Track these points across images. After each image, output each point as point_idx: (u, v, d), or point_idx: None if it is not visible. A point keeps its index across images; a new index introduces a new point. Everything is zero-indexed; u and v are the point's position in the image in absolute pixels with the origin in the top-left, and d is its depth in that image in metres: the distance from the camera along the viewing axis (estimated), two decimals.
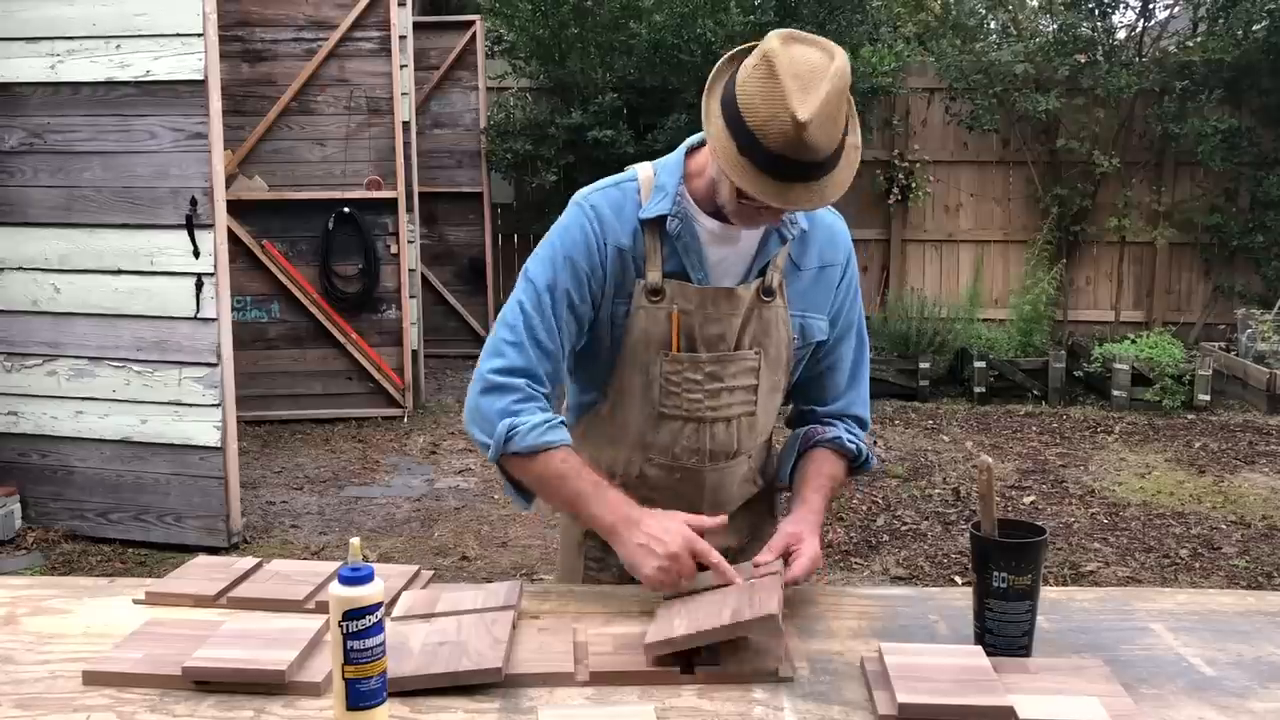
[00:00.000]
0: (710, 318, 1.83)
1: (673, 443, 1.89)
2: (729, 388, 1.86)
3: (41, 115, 4.74)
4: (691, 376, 1.84)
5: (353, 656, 1.40)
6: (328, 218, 6.90)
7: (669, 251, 1.82)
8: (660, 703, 1.49)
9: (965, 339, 8.05)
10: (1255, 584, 4.51)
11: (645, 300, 1.82)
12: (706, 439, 1.89)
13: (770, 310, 1.85)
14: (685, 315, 1.81)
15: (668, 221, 1.81)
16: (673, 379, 1.84)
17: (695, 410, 1.87)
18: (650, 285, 1.81)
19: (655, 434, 1.89)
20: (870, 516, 5.37)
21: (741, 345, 1.85)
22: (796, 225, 1.87)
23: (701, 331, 1.83)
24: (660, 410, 1.87)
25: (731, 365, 1.85)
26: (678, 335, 1.82)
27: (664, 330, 1.82)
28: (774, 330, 1.87)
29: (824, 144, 1.61)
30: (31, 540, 4.88)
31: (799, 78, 1.59)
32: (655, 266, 1.81)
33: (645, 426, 1.89)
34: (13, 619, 1.77)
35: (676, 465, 1.90)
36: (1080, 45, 8.80)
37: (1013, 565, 1.59)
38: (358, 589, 1.40)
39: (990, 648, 1.61)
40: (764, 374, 1.88)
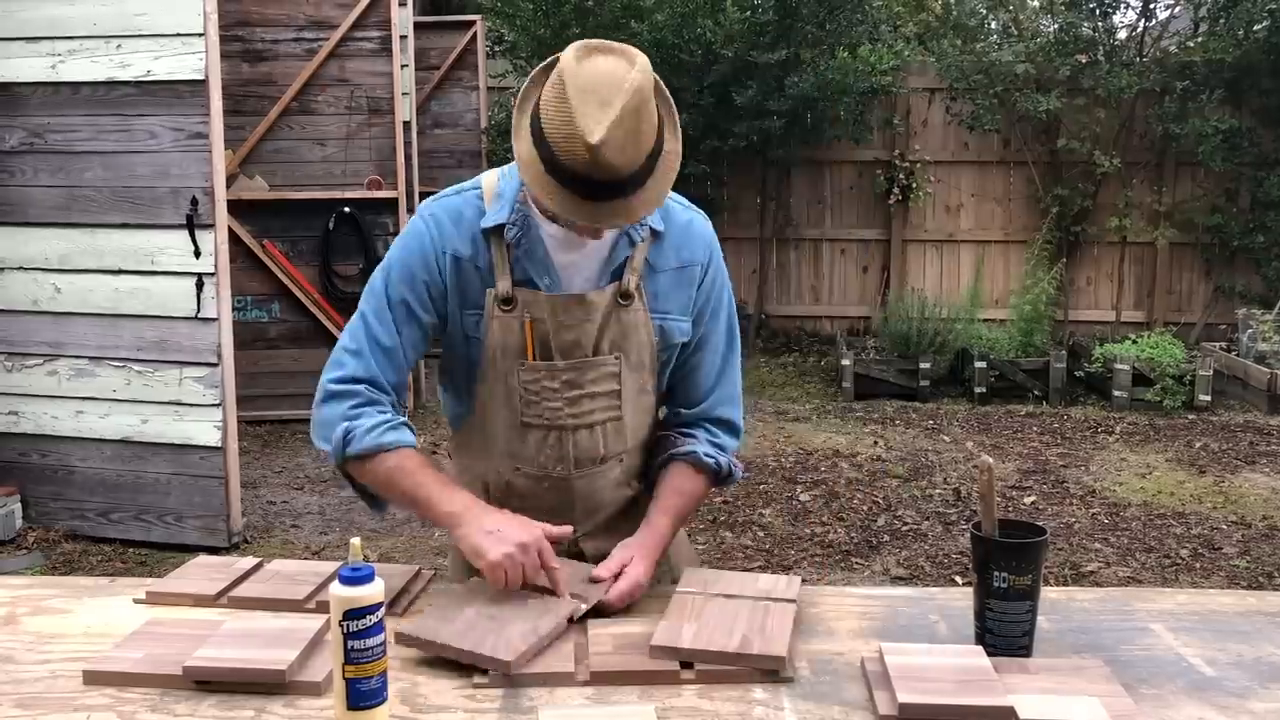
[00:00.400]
0: (564, 325, 1.79)
1: (537, 452, 1.86)
2: (589, 394, 1.83)
3: (42, 115, 4.75)
4: (549, 385, 1.81)
5: (353, 656, 1.40)
6: (328, 218, 6.90)
7: (516, 260, 1.79)
8: (660, 703, 1.49)
9: (966, 339, 8.04)
10: (1256, 584, 4.51)
11: (497, 310, 1.79)
12: (570, 446, 1.86)
13: (629, 314, 1.82)
14: (538, 323, 1.78)
15: (506, 230, 1.78)
16: (531, 388, 1.82)
17: (556, 418, 1.83)
18: (500, 295, 1.78)
19: (520, 444, 1.86)
20: (871, 516, 5.37)
21: (600, 350, 1.82)
22: (645, 226, 1.82)
23: (556, 339, 1.80)
24: (522, 420, 1.84)
25: (591, 371, 1.82)
26: (532, 344, 1.79)
27: (519, 339, 1.79)
28: (634, 334, 1.83)
29: (623, 162, 1.58)
30: (32, 540, 4.88)
31: (592, 95, 1.56)
32: (504, 275, 1.78)
33: (510, 436, 1.87)
34: (13, 619, 1.77)
35: (543, 474, 1.88)
36: (1081, 45, 8.79)
37: (1013, 565, 1.60)
38: (358, 589, 1.41)
39: (991, 648, 1.61)
40: (627, 378, 1.85)
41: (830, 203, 9.57)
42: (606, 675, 1.55)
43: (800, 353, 9.21)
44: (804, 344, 9.40)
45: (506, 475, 1.91)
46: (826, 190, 9.56)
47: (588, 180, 1.60)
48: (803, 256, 9.64)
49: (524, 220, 1.78)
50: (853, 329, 9.41)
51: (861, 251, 9.59)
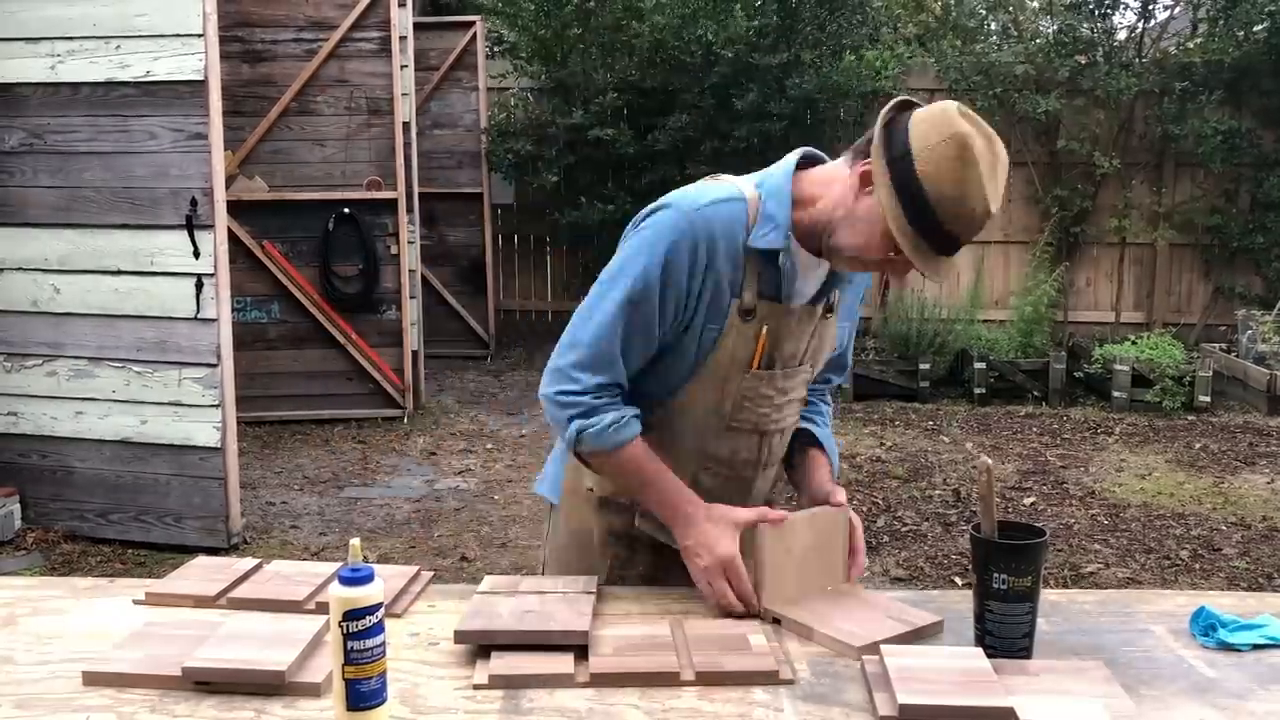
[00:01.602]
0: (791, 335, 1.85)
1: (733, 454, 1.91)
2: (791, 400, 1.92)
3: (41, 115, 4.74)
4: (765, 392, 1.86)
5: (353, 657, 1.40)
6: (328, 218, 6.90)
7: (767, 281, 1.80)
8: (660, 704, 1.49)
9: (966, 340, 8.05)
10: (1256, 585, 4.51)
11: (738, 319, 1.79)
12: (767, 449, 1.94)
13: (827, 326, 1.92)
14: (772, 334, 1.82)
15: (780, 256, 1.78)
16: (748, 395, 1.85)
17: (763, 423, 1.90)
18: (745, 306, 1.79)
19: (718, 444, 1.89)
20: (870, 517, 5.37)
21: (804, 360, 1.90)
22: None
23: (781, 349, 1.85)
24: (730, 424, 1.87)
25: (795, 378, 1.90)
26: (761, 353, 1.83)
27: (750, 349, 1.82)
28: (826, 344, 1.94)
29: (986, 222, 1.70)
30: (31, 541, 4.88)
31: (989, 167, 1.66)
32: (751, 289, 1.79)
33: (709, 438, 1.89)
34: (12, 619, 1.77)
35: (733, 475, 1.93)
36: (1080, 46, 8.80)
37: (1013, 567, 1.59)
38: (358, 589, 1.40)
39: (990, 649, 1.61)
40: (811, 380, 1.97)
41: None
42: (606, 677, 1.54)
43: None
44: None
45: (692, 470, 1.89)
46: None
47: (958, 240, 1.70)
48: None
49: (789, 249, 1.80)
50: None
51: None
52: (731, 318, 1.78)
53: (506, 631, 1.62)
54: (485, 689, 1.53)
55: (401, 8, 6.98)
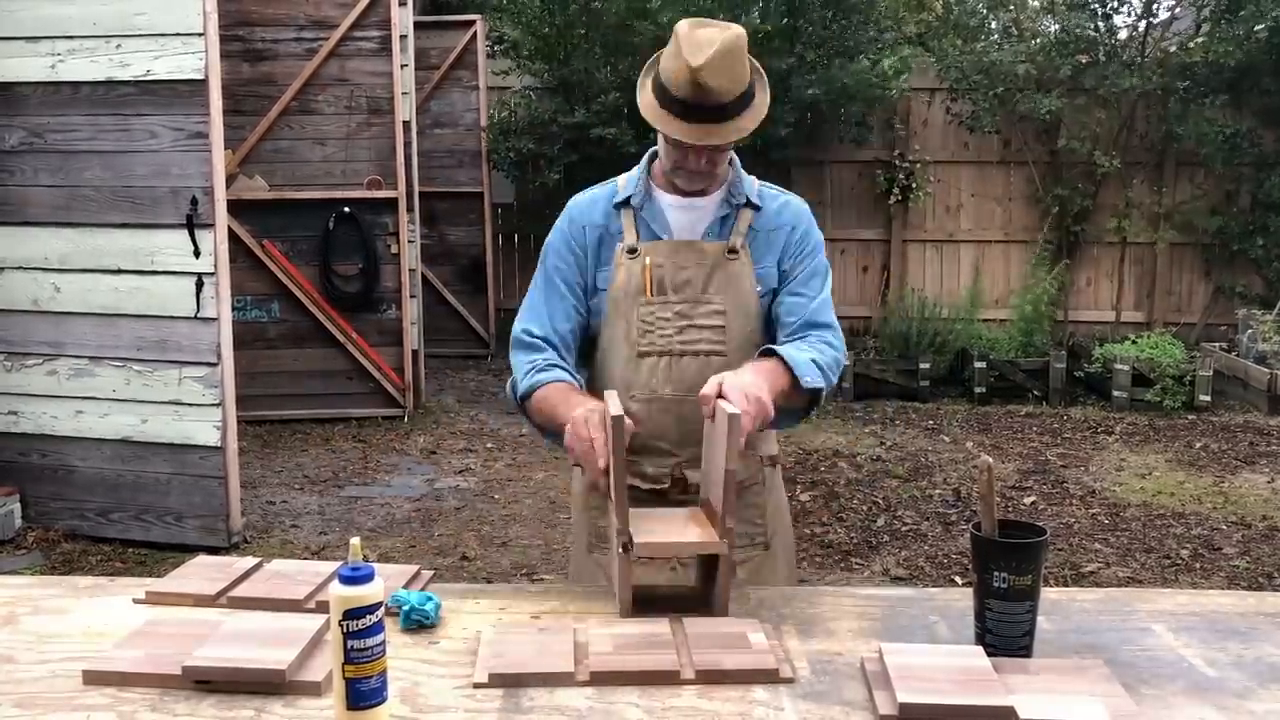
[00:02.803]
0: (679, 265, 2.15)
1: (649, 377, 2.15)
2: (696, 325, 2.14)
3: (42, 115, 4.74)
4: (663, 316, 2.14)
5: (353, 656, 1.40)
6: (328, 217, 6.90)
7: (641, 224, 2.18)
8: (660, 702, 1.49)
9: (966, 339, 8.05)
10: (1256, 585, 4.51)
11: (624, 258, 2.16)
12: (676, 370, 2.14)
13: (736, 265, 2.16)
14: (656, 267, 2.14)
15: (632, 199, 2.18)
16: (647, 320, 2.14)
17: (668, 346, 2.14)
18: (627, 246, 2.17)
19: (635, 372, 2.15)
20: (870, 517, 5.37)
21: (708, 290, 2.15)
22: (740, 194, 2.19)
23: (672, 278, 2.14)
24: (638, 350, 2.15)
25: (700, 307, 2.14)
26: (650, 282, 2.14)
27: (639, 280, 2.14)
28: (738, 282, 2.16)
29: (719, 87, 1.98)
30: (31, 540, 4.88)
31: (696, 41, 2.00)
32: (631, 233, 2.18)
33: (626, 367, 2.16)
34: (13, 618, 1.77)
35: (653, 397, 2.14)
36: (1082, 46, 8.78)
37: (1013, 565, 1.60)
38: (358, 588, 1.41)
39: (990, 648, 1.61)
40: (733, 321, 2.15)
41: (830, 203, 9.56)
42: (606, 675, 1.54)
43: None
44: None
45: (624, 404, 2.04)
46: (827, 190, 9.55)
47: (690, 103, 2.01)
48: None
49: (646, 191, 2.19)
50: (853, 329, 9.40)
51: (861, 251, 9.59)
52: (619, 256, 2.17)
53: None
54: (485, 688, 1.53)
55: (402, 7, 6.98)
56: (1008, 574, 1.60)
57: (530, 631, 1.70)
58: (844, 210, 9.56)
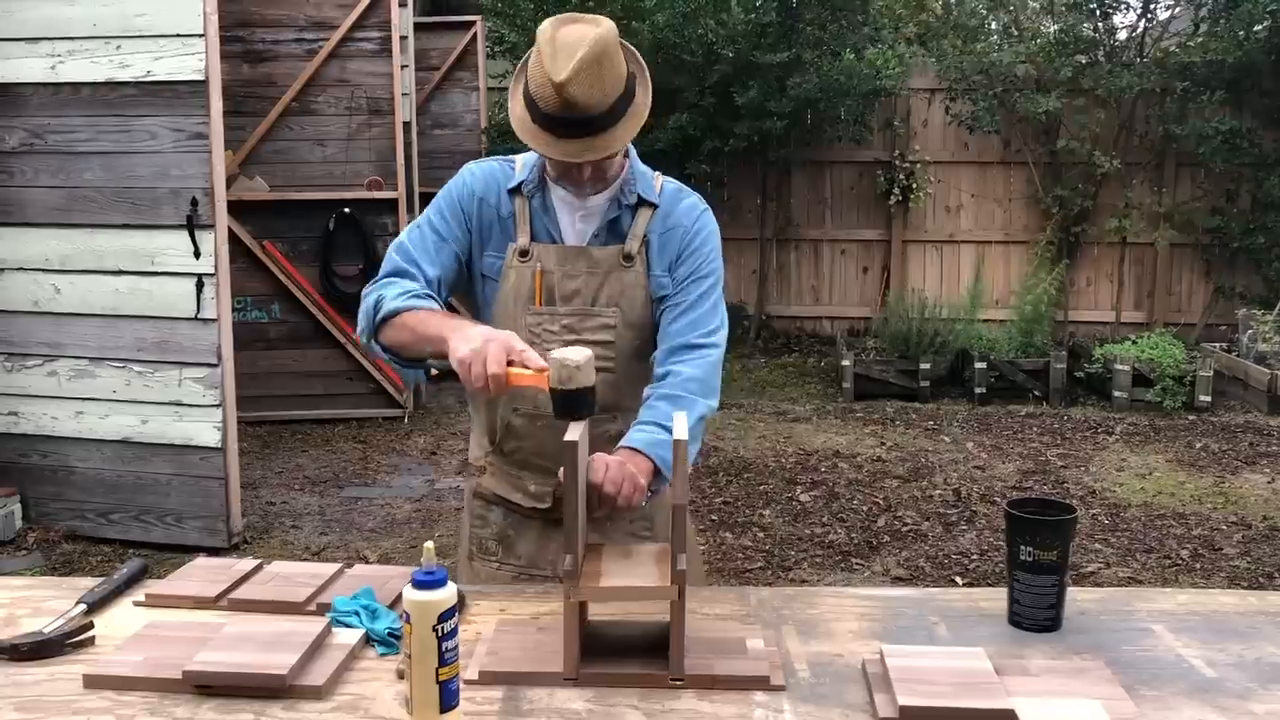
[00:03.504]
0: (568, 274, 2.01)
1: (534, 393, 1.91)
2: (584, 340, 1.96)
3: (42, 116, 4.74)
4: (550, 329, 2.00)
5: (447, 657, 1.42)
6: (328, 218, 6.90)
7: (534, 216, 2.04)
8: (660, 704, 1.49)
9: (966, 339, 8.04)
10: (1256, 585, 4.51)
11: (516, 260, 2.02)
12: None
13: (629, 274, 2.02)
14: (547, 273, 2.01)
15: (523, 186, 2.04)
16: (534, 330, 2.00)
17: None
18: (520, 247, 2.02)
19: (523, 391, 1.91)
20: (871, 517, 5.37)
21: (598, 302, 2.01)
22: (633, 193, 2.03)
23: (560, 287, 2.01)
24: None
25: (589, 320, 2.01)
26: (540, 291, 2.01)
27: (529, 287, 2.01)
28: (632, 292, 2.02)
29: (588, 100, 1.83)
30: (32, 540, 4.88)
31: (561, 47, 1.83)
32: (525, 231, 2.03)
33: None
34: (12, 620, 1.77)
35: (537, 413, 2.01)
36: (1081, 46, 8.78)
37: (1038, 540, 1.71)
38: (441, 592, 1.43)
39: (1016, 616, 1.74)
40: (623, 334, 2.02)
41: (830, 203, 9.57)
42: (605, 677, 1.54)
43: (800, 353, 9.20)
44: (804, 344, 9.40)
45: (507, 417, 2.06)
46: (827, 191, 9.56)
47: (558, 118, 1.85)
48: (803, 257, 9.64)
49: (539, 182, 2.04)
50: (853, 329, 9.41)
51: (862, 252, 9.59)
52: (510, 258, 2.03)
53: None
54: (475, 685, 1.53)
55: (402, 8, 6.98)
56: (1033, 548, 1.71)
57: (529, 632, 1.70)
58: (844, 211, 9.56)
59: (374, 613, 1.71)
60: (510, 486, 2.11)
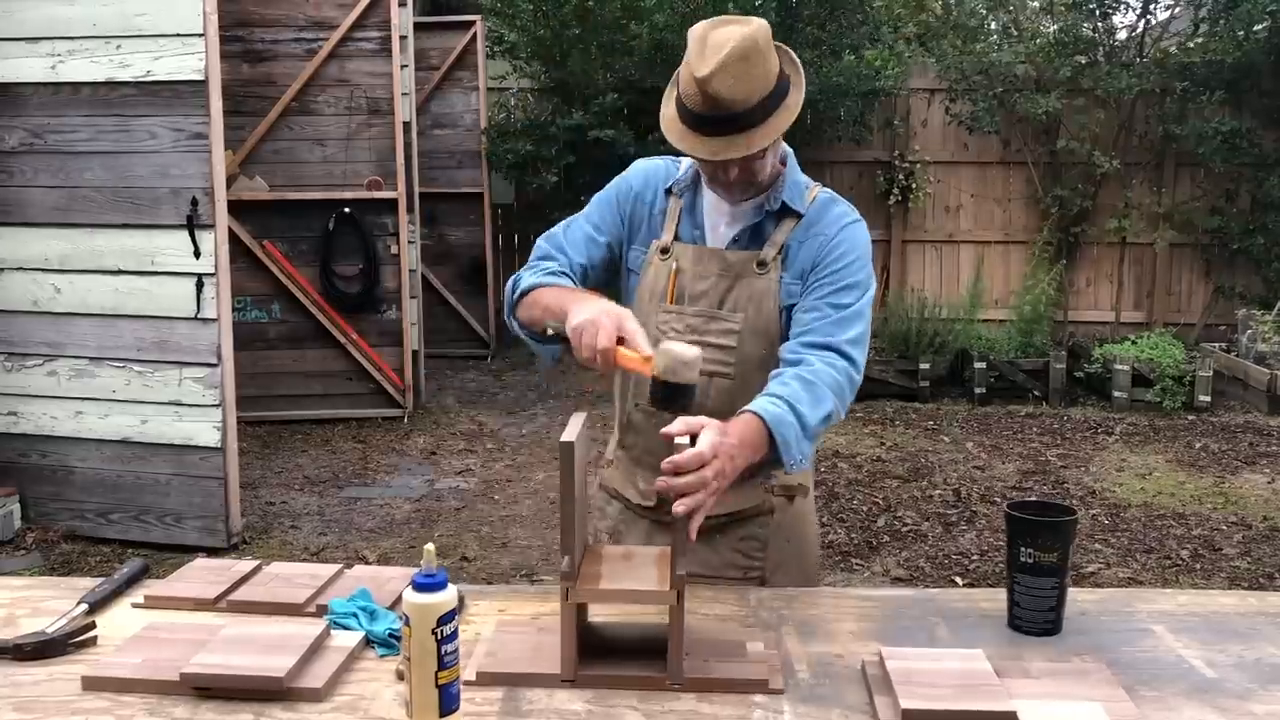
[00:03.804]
0: (699, 275, 2.00)
1: None
2: (705, 343, 1.92)
3: (42, 115, 4.74)
4: (676, 327, 1.99)
5: (446, 660, 1.41)
6: (328, 218, 6.90)
7: (684, 218, 2.05)
8: (660, 706, 1.49)
9: (966, 340, 8.04)
10: (1256, 585, 4.51)
11: (656, 257, 2.04)
12: None
13: (761, 281, 1.97)
14: (681, 272, 2.01)
15: (675, 185, 2.06)
16: (662, 328, 1.99)
17: None
18: (662, 244, 2.04)
19: (642, 380, 1.91)
20: (871, 517, 5.36)
21: (725, 306, 1.98)
22: (778, 200, 1.98)
23: (691, 286, 2.00)
24: None
25: (714, 323, 1.98)
26: (673, 288, 2.01)
27: (664, 283, 2.01)
28: (762, 300, 1.97)
29: (731, 96, 1.80)
30: (31, 540, 4.88)
31: (709, 46, 1.82)
32: (670, 229, 2.04)
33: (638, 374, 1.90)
34: (11, 620, 1.77)
35: (653, 411, 1.95)
36: (1081, 46, 8.78)
37: (1038, 542, 1.70)
38: (440, 595, 1.42)
39: (1017, 619, 1.73)
40: (747, 341, 1.97)
41: None
42: (595, 679, 1.54)
43: None
44: None
45: (629, 411, 2.09)
46: None
47: (702, 115, 1.84)
48: None
49: (692, 182, 2.05)
50: None
51: None
52: (652, 253, 2.05)
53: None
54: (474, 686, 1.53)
55: (402, 7, 6.98)
56: (1034, 550, 1.70)
57: (529, 632, 1.70)
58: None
59: (372, 614, 1.71)
60: (627, 482, 2.13)
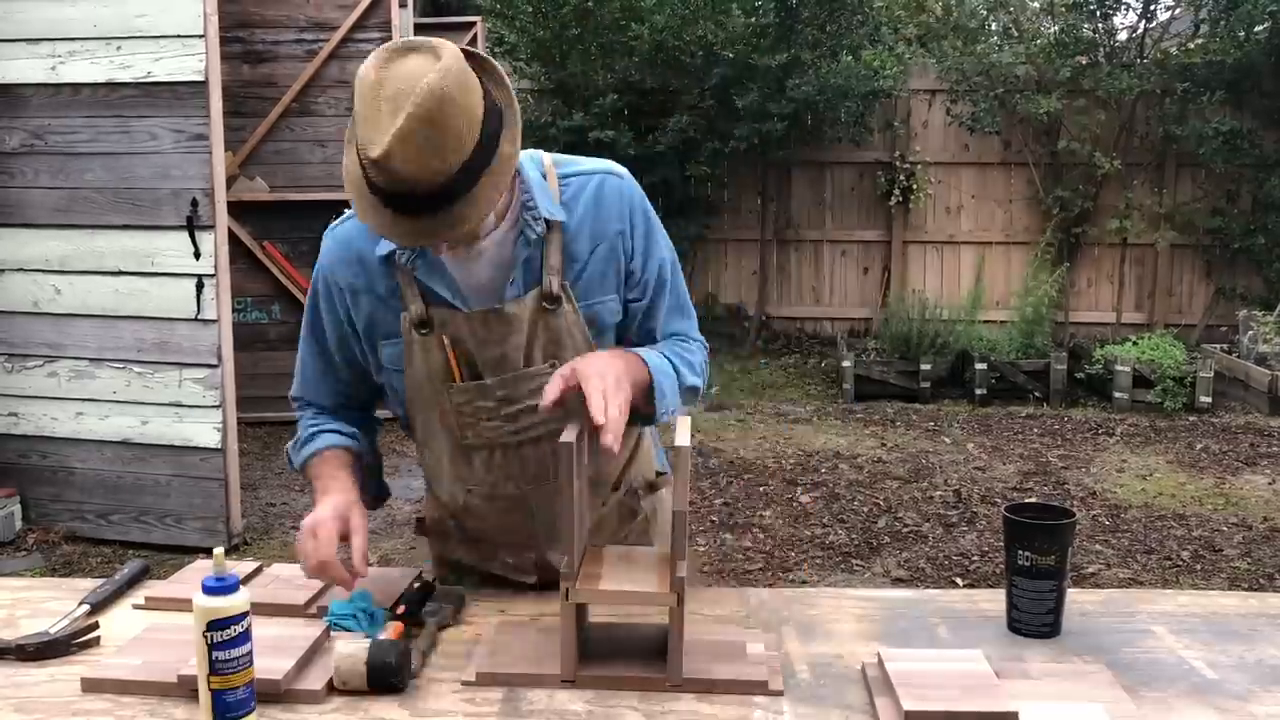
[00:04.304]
0: (486, 341, 1.69)
1: (486, 472, 1.78)
2: (528, 408, 1.70)
3: (42, 116, 4.74)
4: (483, 404, 1.71)
5: (218, 667, 1.39)
6: (328, 219, 6.86)
7: (420, 279, 1.68)
8: (660, 706, 1.48)
9: (966, 340, 8.04)
10: (1257, 586, 4.51)
11: (415, 334, 1.69)
12: (515, 464, 1.77)
13: (558, 318, 1.69)
14: (459, 343, 1.69)
15: (398, 255, 1.68)
16: (465, 410, 1.72)
17: (497, 437, 1.74)
18: (415, 318, 1.68)
19: (466, 466, 1.79)
20: (871, 518, 5.36)
21: (533, 361, 1.70)
22: (539, 221, 1.67)
23: (481, 356, 1.69)
24: (462, 442, 1.76)
25: (526, 384, 1.70)
26: (457, 365, 1.70)
27: (442, 362, 1.70)
28: (567, 339, 1.70)
29: (418, 174, 1.45)
30: (32, 541, 4.88)
31: (387, 102, 1.44)
32: (415, 298, 1.68)
33: (455, 458, 1.79)
34: (12, 621, 1.77)
35: (494, 494, 1.80)
36: (1082, 47, 8.79)
37: (1036, 545, 1.70)
38: (222, 599, 1.39)
39: (1016, 623, 1.72)
40: None
41: (831, 204, 9.57)
42: (594, 679, 1.54)
43: (801, 354, 9.20)
44: (804, 345, 9.40)
45: (460, 497, 1.85)
46: (827, 192, 9.55)
47: (389, 193, 1.49)
48: (803, 258, 9.64)
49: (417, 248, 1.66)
50: (853, 330, 9.41)
51: (862, 253, 9.58)
52: (406, 333, 1.70)
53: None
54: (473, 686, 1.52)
55: (403, 8, 6.99)
56: (1031, 553, 1.70)
57: (529, 633, 1.69)
58: (845, 211, 9.56)
59: (372, 616, 1.71)
60: (481, 557, 1.92)
